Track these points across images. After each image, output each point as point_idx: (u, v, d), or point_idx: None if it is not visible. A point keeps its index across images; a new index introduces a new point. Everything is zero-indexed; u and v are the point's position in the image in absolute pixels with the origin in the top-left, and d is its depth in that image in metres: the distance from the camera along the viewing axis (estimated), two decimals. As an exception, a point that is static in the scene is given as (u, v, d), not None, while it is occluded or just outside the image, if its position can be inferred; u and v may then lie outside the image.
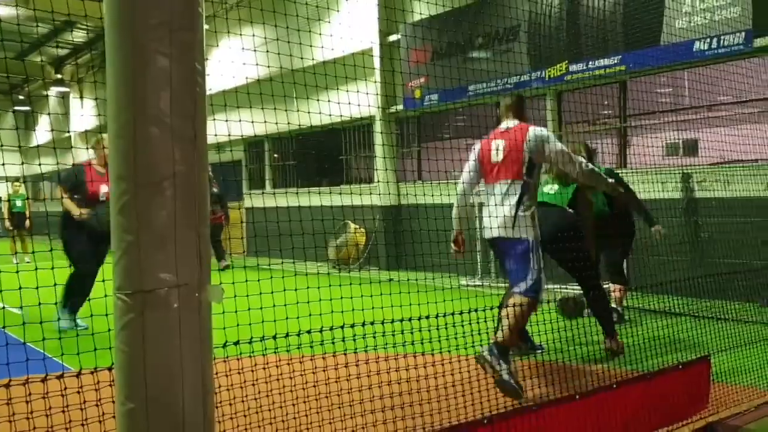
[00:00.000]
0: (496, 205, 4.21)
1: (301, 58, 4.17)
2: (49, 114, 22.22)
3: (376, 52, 12.06)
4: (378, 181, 12.24)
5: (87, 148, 16.52)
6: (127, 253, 1.48)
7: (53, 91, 22.80)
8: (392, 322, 3.38)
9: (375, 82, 12.09)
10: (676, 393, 3.58)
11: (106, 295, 2.45)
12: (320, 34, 4.85)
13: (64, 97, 23.35)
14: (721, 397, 3.80)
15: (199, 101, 1.55)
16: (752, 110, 8.09)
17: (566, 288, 7.76)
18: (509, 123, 4.43)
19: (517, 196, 4.17)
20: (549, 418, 3.09)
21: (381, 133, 12.50)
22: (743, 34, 7.27)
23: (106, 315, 2.17)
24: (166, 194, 1.49)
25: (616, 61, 8.55)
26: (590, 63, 8.85)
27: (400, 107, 12.02)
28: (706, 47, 7.61)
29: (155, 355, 1.49)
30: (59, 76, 22.06)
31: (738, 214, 7.00)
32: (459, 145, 9.29)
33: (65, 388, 2.03)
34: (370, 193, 11.80)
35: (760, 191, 7.04)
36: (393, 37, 11.98)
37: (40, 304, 2.77)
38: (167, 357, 1.50)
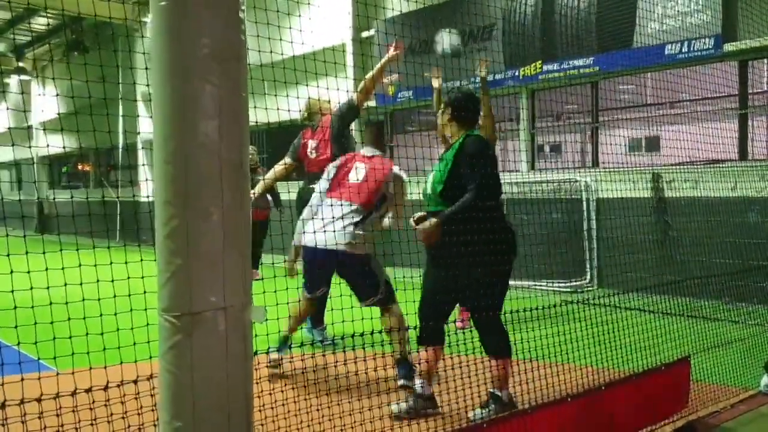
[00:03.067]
0: (335, 218, 4.36)
1: (270, 53, 4.15)
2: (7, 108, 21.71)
3: (350, 48, 12.08)
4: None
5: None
6: (175, 276, 1.52)
7: (14, 79, 22.26)
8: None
9: (347, 78, 12.10)
10: (659, 393, 3.73)
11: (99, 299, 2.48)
12: (290, 28, 4.84)
13: (26, 88, 22.82)
14: (699, 396, 3.96)
15: (245, 128, 1.60)
16: (714, 108, 8.39)
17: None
18: (372, 151, 4.73)
19: (360, 218, 4.42)
20: (543, 420, 3.20)
21: (355, 130, 12.51)
22: (713, 39, 7.49)
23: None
24: (213, 219, 1.53)
25: (589, 62, 8.73)
26: (564, 63, 9.01)
27: (373, 104, 12.06)
28: (677, 51, 7.82)
29: (202, 375, 1.53)
30: (21, 64, 21.54)
31: (707, 213, 7.23)
32: (430, 140, 9.36)
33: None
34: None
35: (728, 190, 7.29)
36: (366, 33, 12.00)
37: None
38: (214, 376, 1.54)
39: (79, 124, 3.90)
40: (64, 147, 5.95)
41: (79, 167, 22.22)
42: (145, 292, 2.38)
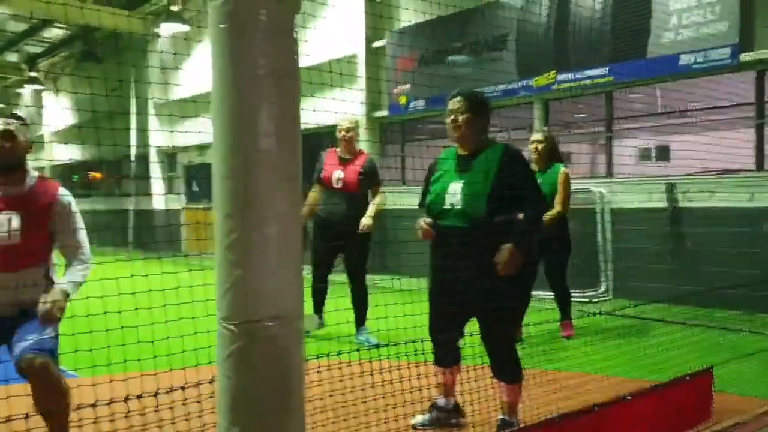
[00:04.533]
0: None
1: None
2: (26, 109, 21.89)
3: (362, 58, 12.17)
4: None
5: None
6: (234, 287, 1.57)
7: (27, 89, 22.44)
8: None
9: (359, 89, 12.18)
10: (683, 403, 3.74)
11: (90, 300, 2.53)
12: (305, 41, 4.91)
13: (37, 97, 23.03)
14: (723, 407, 3.97)
15: (298, 141, 1.66)
16: (729, 117, 8.42)
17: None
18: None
19: None
20: (570, 429, 3.22)
21: (365, 140, 12.58)
22: (729, 49, 7.53)
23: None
24: (270, 231, 1.59)
25: (603, 72, 8.77)
26: (578, 73, 9.06)
27: (385, 113, 12.13)
28: (692, 61, 7.86)
29: (259, 381, 1.59)
30: (33, 74, 21.72)
31: (723, 223, 7.24)
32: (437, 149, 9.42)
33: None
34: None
35: (745, 201, 7.31)
36: (378, 43, 12.09)
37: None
38: (270, 383, 1.59)
39: (91, 134, 3.98)
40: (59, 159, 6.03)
41: (90, 176, 22.34)
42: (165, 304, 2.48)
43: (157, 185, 17.74)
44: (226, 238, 1.58)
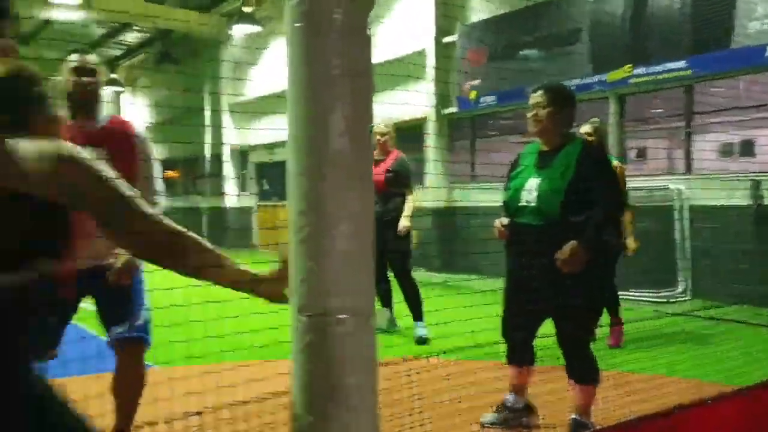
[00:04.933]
0: None
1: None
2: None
3: (431, 53, 12.13)
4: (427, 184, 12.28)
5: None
6: (308, 279, 1.61)
7: (107, 90, 23.34)
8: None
9: (427, 84, 12.13)
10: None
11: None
12: (375, 37, 4.93)
13: (116, 98, 23.94)
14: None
15: (369, 139, 1.67)
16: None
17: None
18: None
19: None
20: None
21: (434, 134, 12.54)
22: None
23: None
24: (342, 227, 1.61)
25: (683, 65, 8.47)
26: (656, 66, 8.78)
27: (454, 109, 12.06)
28: (779, 52, 7.51)
29: (334, 373, 1.61)
30: (114, 76, 22.59)
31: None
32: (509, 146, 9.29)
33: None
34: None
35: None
36: (448, 39, 12.03)
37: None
38: (345, 376, 1.62)
39: (167, 133, 4.13)
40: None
41: (166, 175, 23.09)
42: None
43: (230, 183, 18.18)
44: (299, 233, 1.61)
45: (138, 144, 3.28)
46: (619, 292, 5.94)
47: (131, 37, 19.88)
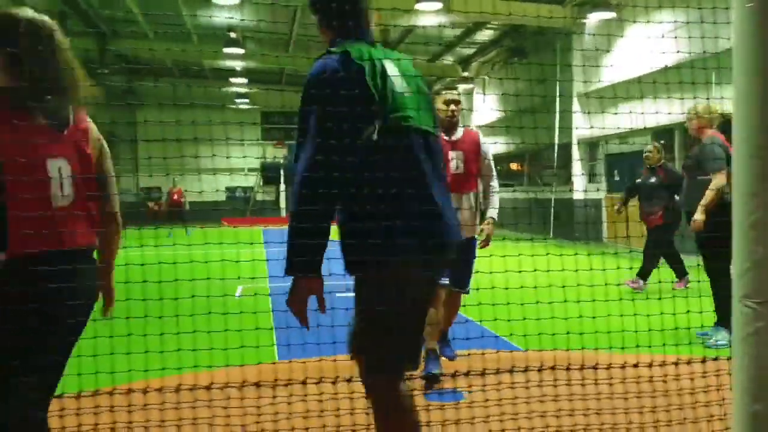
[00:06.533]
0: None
1: (715, 38, 3.77)
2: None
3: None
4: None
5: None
6: (758, 265, 1.58)
7: (460, 88, 24.80)
8: None
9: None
10: None
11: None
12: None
13: (469, 94, 25.29)
14: None
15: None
16: None
17: None
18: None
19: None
20: None
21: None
22: None
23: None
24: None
25: None
26: None
27: None
28: None
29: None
30: (466, 74, 23.92)
31: None
32: None
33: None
34: None
35: None
36: None
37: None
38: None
39: (519, 125, 4.50)
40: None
41: (512, 167, 23.71)
42: (578, 284, 2.66)
43: (577, 175, 18.00)
44: (749, 216, 1.59)
45: (482, 148, 4.59)
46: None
47: (483, 36, 20.79)
